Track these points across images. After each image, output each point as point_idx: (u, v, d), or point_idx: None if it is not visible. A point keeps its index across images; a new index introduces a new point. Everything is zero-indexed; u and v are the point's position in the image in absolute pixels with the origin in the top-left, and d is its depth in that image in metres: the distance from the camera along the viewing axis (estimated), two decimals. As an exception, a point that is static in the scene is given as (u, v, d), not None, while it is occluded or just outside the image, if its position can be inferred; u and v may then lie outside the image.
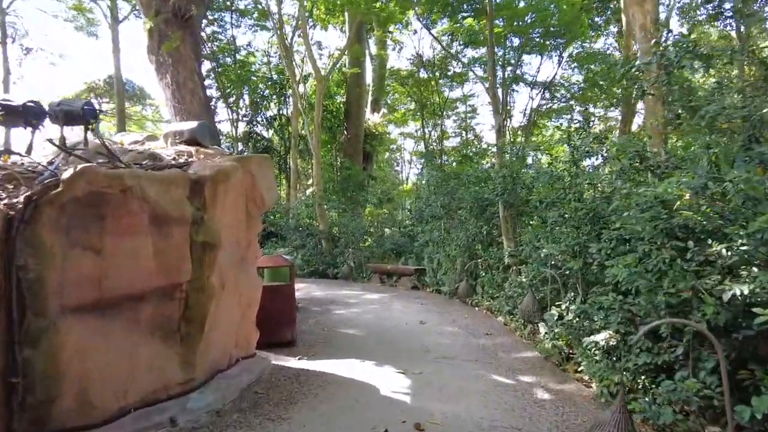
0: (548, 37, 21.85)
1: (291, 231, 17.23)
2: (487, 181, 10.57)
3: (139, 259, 4.12)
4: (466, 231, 10.53)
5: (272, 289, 7.18)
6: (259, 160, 5.62)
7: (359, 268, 15.27)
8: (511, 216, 9.71)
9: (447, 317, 9.08)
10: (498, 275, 9.56)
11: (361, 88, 24.33)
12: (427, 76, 25.02)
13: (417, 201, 15.76)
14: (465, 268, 10.47)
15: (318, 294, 12.18)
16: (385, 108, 29.61)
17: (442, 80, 25.49)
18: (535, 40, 22.10)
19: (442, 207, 12.16)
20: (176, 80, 10.13)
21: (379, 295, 11.90)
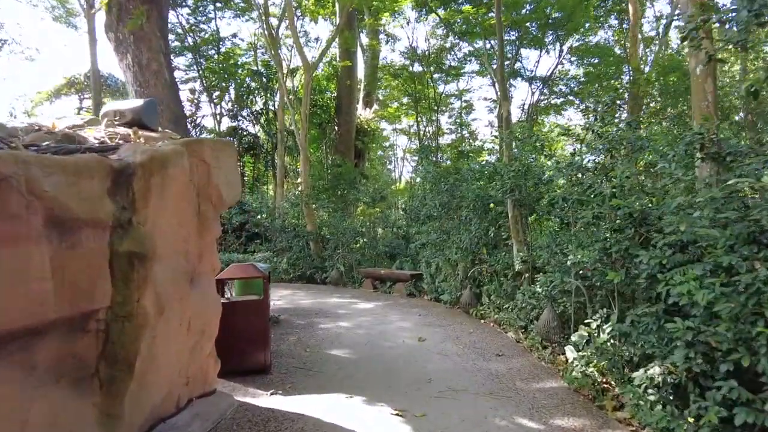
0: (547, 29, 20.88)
1: (276, 232, 15.97)
2: (492, 177, 9.38)
3: (27, 279, 2.88)
4: (468, 233, 9.34)
5: (242, 305, 5.95)
6: (215, 145, 4.37)
7: (350, 273, 14.05)
8: (521, 216, 8.54)
9: (450, 332, 7.88)
10: (507, 283, 8.39)
11: (352, 82, 23.15)
12: (422, 69, 23.88)
13: (412, 199, 14.55)
14: (468, 275, 9.29)
15: (303, 302, 10.94)
16: (378, 103, 28.45)
17: (436, 74, 24.38)
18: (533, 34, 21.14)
19: (440, 206, 10.96)
20: (138, 61, 8.87)
21: (372, 304, 10.68)
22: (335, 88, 24.59)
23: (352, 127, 23.66)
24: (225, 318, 5.68)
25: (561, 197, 6.13)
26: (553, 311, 6.53)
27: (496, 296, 8.60)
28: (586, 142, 6.25)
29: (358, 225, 14.52)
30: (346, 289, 13.31)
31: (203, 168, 4.20)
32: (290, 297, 11.84)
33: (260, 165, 25.38)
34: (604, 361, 5.21)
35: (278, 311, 9.65)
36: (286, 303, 10.89)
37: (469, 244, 9.19)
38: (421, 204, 13.69)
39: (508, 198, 8.30)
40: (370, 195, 15.43)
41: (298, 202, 15.56)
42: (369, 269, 13.36)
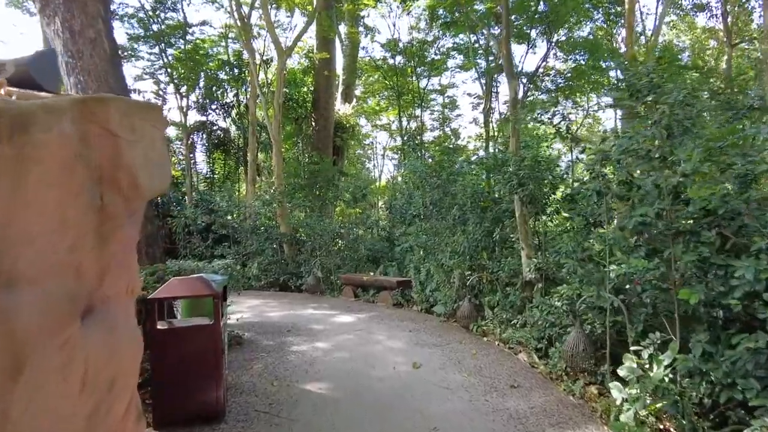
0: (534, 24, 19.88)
1: (246, 234, 14.44)
2: (492, 170, 8.12)
3: None
4: (466, 235, 8.06)
5: (185, 332, 4.52)
6: (128, 108, 2.90)
7: (328, 279, 12.64)
8: (530, 215, 7.29)
9: (449, 354, 6.56)
10: (515, 295, 7.12)
11: (330, 75, 21.77)
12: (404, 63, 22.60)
13: (398, 197, 13.24)
14: (467, 283, 8.00)
15: (274, 316, 9.49)
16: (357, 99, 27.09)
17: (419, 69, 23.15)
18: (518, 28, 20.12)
19: (431, 204, 9.66)
20: (69, 26, 7.29)
21: (353, 316, 9.30)
22: (312, 81, 23.17)
23: (330, 122, 22.33)
24: (163, 349, 4.27)
25: (594, 190, 4.85)
26: (583, 334, 5.27)
27: (501, 309, 7.33)
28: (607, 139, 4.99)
29: (337, 226, 13.11)
30: (324, 298, 11.89)
31: (107, 141, 2.74)
32: (259, 308, 10.36)
33: (231, 161, 23.73)
34: (663, 403, 3.97)
35: (243, 327, 8.20)
36: (254, 316, 9.43)
37: (467, 247, 7.89)
38: (407, 202, 12.39)
39: (517, 194, 7.03)
40: (350, 192, 14.04)
41: (270, 201, 14.07)
42: (350, 275, 11.99)
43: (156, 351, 4.35)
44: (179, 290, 4.52)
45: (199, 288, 4.53)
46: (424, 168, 9.96)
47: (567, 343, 5.31)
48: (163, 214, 16.40)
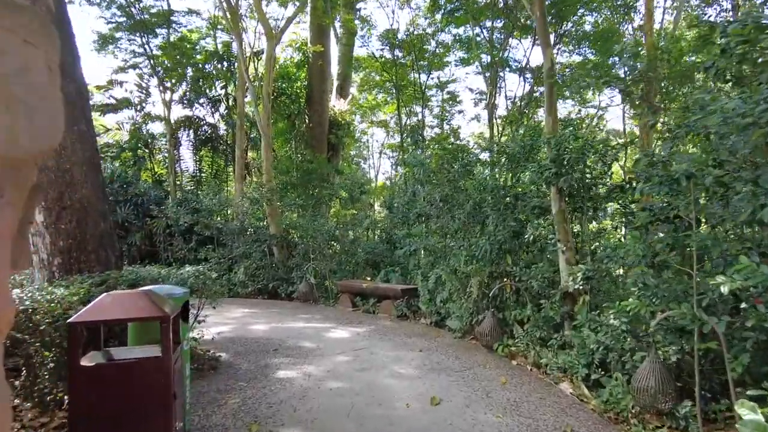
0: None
1: (233, 235, 13.10)
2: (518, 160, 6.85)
3: None
4: (488, 236, 6.77)
5: (120, 370, 3.20)
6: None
7: (322, 286, 11.32)
8: (570, 211, 6.02)
9: (473, 383, 5.26)
10: (553, 309, 5.83)
11: (324, 70, 20.55)
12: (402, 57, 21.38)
13: (399, 195, 11.96)
14: (491, 294, 6.71)
15: (259, 330, 8.15)
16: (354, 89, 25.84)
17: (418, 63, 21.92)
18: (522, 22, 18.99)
19: (442, 201, 8.38)
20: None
21: (352, 331, 7.98)
22: (305, 76, 21.91)
23: (324, 119, 21.11)
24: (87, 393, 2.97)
25: (684, 173, 3.58)
26: (658, 362, 3.99)
27: (533, 326, 6.04)
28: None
29: (332, 226, 11.79)
30: (318, 308, 10.56)
31: None
32: (243, 320, 9.02)
33: (219, 159, 22.34)
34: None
35: (221, 346, 6.87)
36: (236, 331, 8.10)
37: (488, 251, 6.60)
38: (410, 200, 11.09)
39: (554, 185, 5.75)
40: (347, 189, 12.73)
41: (258, 199, 12.72)
42: (347, 282, 10.67)
43: (77, 396, 3.04)
44: (112, 311, 3.18)
45: (140, 308, 3.21)
46: (434, 158, 8.65)
47: (638, 375, 4.03)
48: (143, 214, 15.03)
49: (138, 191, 15.28)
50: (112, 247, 5.92)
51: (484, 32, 20.17)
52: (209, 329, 8.02)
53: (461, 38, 21.04)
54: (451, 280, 7.69)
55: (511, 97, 22.31)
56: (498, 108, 21.49)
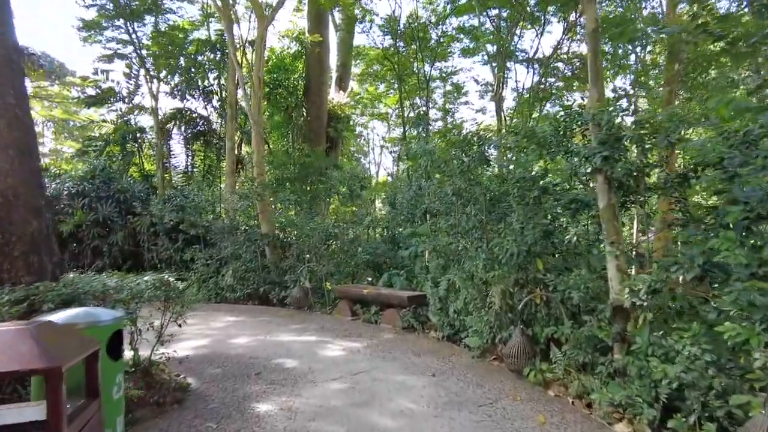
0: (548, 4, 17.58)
1: (222, 235, 11.93)
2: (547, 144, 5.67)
3: None
4: (515, 235, 5.60)
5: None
6: None
7: (319, 290, 10.17)
8: (619, 206, 4.85)
9: (503, 424, 4.10)
10: (602, 328, 4.66)
11: (323, 61, 19.50)
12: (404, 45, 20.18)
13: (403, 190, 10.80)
14: (521, 306, 5.54)
15: (242, 344, 7.00)
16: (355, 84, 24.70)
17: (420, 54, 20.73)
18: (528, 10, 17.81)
19: (454, 195, 7.21)
20: None
21: (350, 346, 6.82)
22: (303, 67, 20.76)
23: (323, 112, 20.06)
24: None
25: None
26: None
27: (573, 348, 4.88)
28: None
29: (329, 224, 10.60)
30: (313, 316, 9.40)
31: None
32: (226, 332, 7.87)
33: (212, 154, 21.17)
34: None
35: (193, 368, 5.72)
36: (216, 345, 6.94)
37: (515, 253, 5.43)
38: (415, 195, 9.94)
39: (603, 173, 4.57)
40: (346, 184, 11.57)
41: (248, 195, 11.54)
42: (346, 287, 9.51)
43: None
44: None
45: (15, 354, 2.04)
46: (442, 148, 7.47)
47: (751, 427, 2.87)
48: (126, 212, 13.89)
49: (121, 187, 14.14)
50: (49, 252, 4.74)
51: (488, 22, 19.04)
52: (184, 344, 6.89)
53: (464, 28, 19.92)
54: (467, 288, 6.52)
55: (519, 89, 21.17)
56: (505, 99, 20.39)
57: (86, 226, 13.18)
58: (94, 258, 13.44)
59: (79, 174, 14.58)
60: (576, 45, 20.58)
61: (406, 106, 21.44)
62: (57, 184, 14.07)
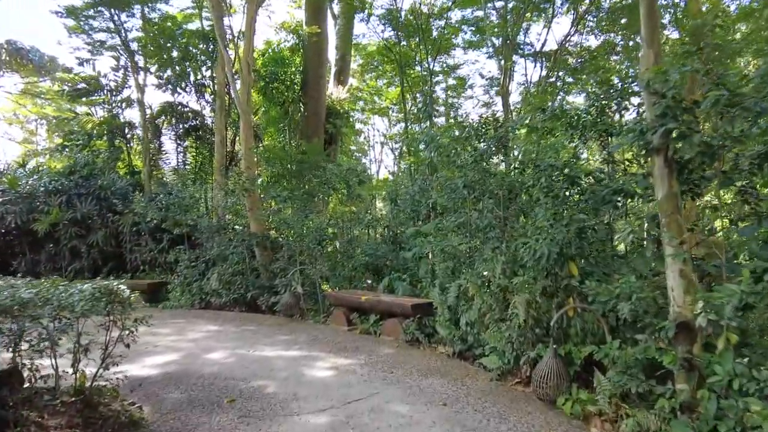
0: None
1: (209, 234, 10.94)
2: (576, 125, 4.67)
3: None
4: (542, 234, 4.60)
5: None
6: None
7: (312, 296, 9.17)
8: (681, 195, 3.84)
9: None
10: (667, 353, 3.65)
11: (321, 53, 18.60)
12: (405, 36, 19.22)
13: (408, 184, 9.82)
14: (552, 322, 4.54)
15: (217, 360, 6.00)
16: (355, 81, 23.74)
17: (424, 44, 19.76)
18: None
19: (465, 188, 6.22)
20: None
21: (344, 364, 5.81)
22: (301, 61, 19.82)
23: (321, 107, 19.12)
24: None
25: None
26: None
27: (621, 373, 3.88)
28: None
29: (323, 222, 9.55)
30: (304, 326, 8.40)
31: None
32: (204, 344, 6.87)
33: (205, 151, 20.16)
34: None
35: (153, 391, 4.73)
36: (186, 362, 5.93)
37: (545, 255, 4.43)
38: (420, 190, 8.96)
39: (662, 152, 3.58)
40: (342, 177, 10.57)
41: (234, 190, 10.54)
42: (342, 293, 8.51)
43: None
44: None
45: None
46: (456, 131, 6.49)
47: None
48: (108, 210, 12.91)
49: (102, 183, 13.15)
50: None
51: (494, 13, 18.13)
52: (151, 360, 5.91)
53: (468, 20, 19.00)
54: (482, 296, 5.52)
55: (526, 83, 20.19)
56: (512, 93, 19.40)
57: (63, 225, 12.21)
58: (73, 259, 12.47)
59: (58, 170, 13.62)
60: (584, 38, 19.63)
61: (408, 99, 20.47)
62: (33, 180, 13.10)
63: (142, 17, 16.42)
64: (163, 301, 10.89)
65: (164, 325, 8.43)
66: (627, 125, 3.98)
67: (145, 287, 11.07)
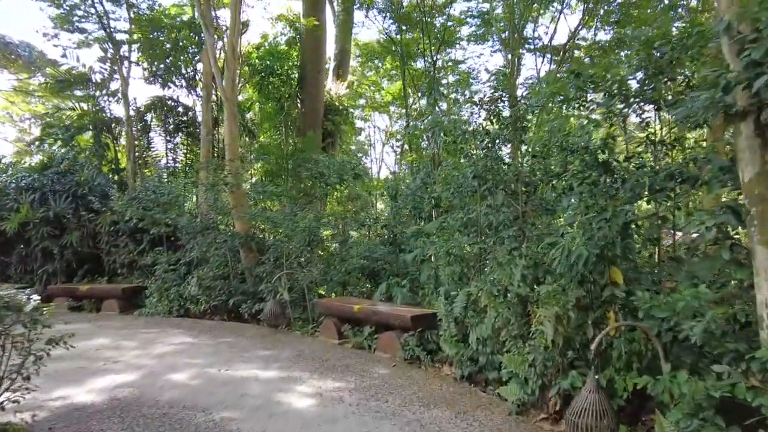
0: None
1: (192, 235, 9.95)
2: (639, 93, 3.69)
3: None
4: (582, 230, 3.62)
5: None
6: None
7: (301, 303, 8.18)
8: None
9: None
10: (749, 386, 2.66)
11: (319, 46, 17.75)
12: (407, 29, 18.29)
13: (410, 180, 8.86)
14: (594, 346, 3.54)
15: (178, 382, 5.00)
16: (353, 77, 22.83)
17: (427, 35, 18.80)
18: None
19: (476, 178, 5.24)
20: None
21: (330, 390, 4.81)
22: (298, 56, 18.91)
23: (319, 102, 18.23)
24: None
25: None
26: None
27: (690, 415, 2.88)
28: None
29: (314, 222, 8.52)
30: (290, 338, 7.39)
31: None
32: (166, 362, 5.87)
33: (196, 147, 19.20)
34: None
35: (88, 428, 3.75)
36: (142, 385, 4.94)
37: (584, 257, 3.44)
38: (422, 185, 7.99)
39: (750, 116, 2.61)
40: (335, 170, 9.58)
41: (214, 184, 9.54)
42: (332, 301, 7.51)
43: None
44: None
45: None
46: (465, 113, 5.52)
47: None
48: (85, 208, 11.92)
49: (79, 180, 12.19)
50: None
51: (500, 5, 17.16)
52: (102, 382, 4.94)
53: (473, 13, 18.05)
54: (496, 307, 4.53)
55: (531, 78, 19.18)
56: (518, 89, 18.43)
57: (34, 224, 11.24)
58: (45, 261, 11.49)
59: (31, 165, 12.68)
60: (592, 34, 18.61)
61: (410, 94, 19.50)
62: (5, 176, 12.16)
63: (127, 5, 15.47)
64: (140, 307, 9.90)
65: (132, 336, 7.47)
66: (700, 80, 2.99)
67: (120, 292, 10.11)
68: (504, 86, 5.34)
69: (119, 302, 10.02)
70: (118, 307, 9.97)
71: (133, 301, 10.23)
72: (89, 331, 7.97)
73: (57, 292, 10.76)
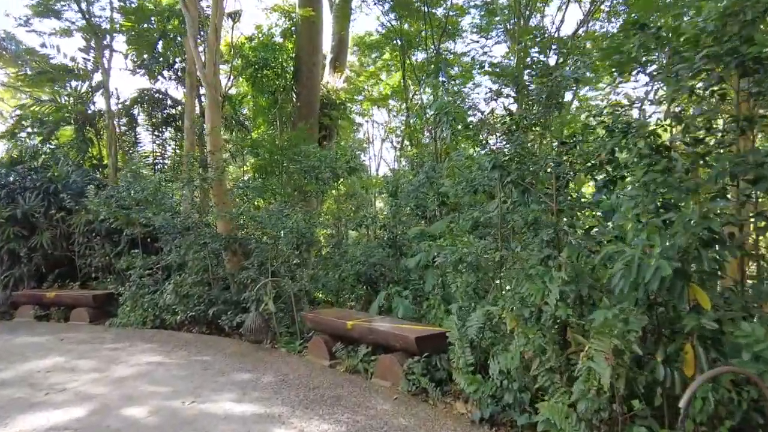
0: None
1: (172, 236, 8.95)
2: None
3: None
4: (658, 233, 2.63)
5: None
6: None
7: (288, 316, 7.20)
8: None
9: None
10: None
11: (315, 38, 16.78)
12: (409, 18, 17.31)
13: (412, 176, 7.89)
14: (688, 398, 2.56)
15: (132, 419, 4.01)
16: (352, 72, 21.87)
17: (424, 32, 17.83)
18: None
19: (495, 168, 4.25)
20: None
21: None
22: (293, 48, 17.96)
23: (314, 96, 17.27)
24: None
25: None
26: None
27: None
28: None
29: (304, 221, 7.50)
30: (274, 356, 6.39)
31: None
32: (123, 390, 4.88)
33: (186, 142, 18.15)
34: None
35: None
36: (81, 423, 3.97)
37: (667, 274, 2.46)
38: (426, 180, 7.01)
39: None
40: (327, 164, 8.59)
41: (191, 179, 8.51)
42: (322, 315, 6.48)
43: None
44: None
45: None
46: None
47: None
48: (58, 207, 10.92)
49: (51, 176, 11.20)
50: None
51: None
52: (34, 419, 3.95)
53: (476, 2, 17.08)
54: (526, 332, 3.55)
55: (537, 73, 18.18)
56: (524, 83, 17.45)
57: (0, 224, 10.26)
58: (12, 265, 10.50)
59: (0, 159, 11.70)
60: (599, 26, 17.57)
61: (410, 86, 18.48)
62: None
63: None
64: (113, 317, 8.91)
65: (94, 353, 6.49)
66: None
67: (90, 300, 9.12)
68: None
69: (89, 311, 9.02)
70: (88, 317, 8.98)
71: (105, 309, 9.23)
72: (48, 346, 6.99)
73: (23, 299, 9.77)
